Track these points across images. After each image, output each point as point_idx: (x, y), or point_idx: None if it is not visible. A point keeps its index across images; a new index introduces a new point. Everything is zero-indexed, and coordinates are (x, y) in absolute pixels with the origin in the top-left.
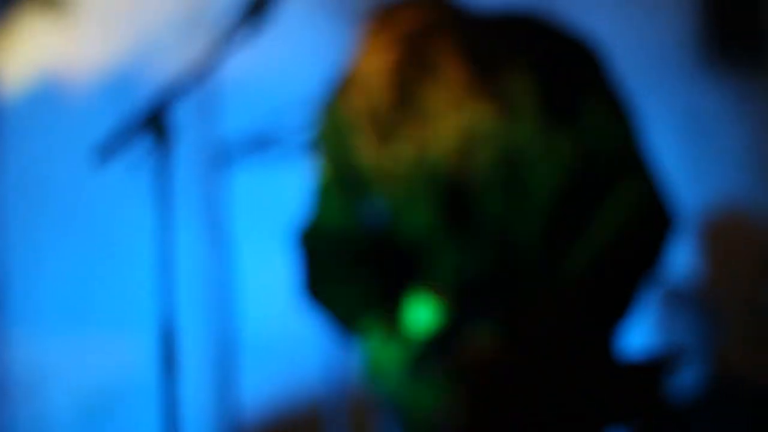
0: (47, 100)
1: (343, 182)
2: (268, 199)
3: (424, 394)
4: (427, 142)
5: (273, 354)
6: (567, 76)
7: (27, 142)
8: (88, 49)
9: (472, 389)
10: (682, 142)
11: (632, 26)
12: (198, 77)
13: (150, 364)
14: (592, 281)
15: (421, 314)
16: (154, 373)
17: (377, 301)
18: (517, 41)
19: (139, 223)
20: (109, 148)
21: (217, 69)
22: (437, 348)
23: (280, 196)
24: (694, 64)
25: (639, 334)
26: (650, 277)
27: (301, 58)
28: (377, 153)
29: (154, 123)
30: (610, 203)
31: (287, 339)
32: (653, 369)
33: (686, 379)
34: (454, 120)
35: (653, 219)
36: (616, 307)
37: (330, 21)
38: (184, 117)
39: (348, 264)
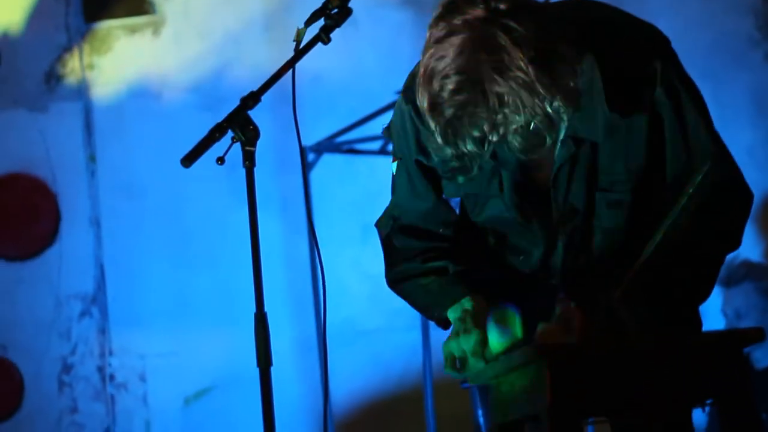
0: (140, 105)
1: (417, 174)
2: (349, 194)
3: (511, 375)
4: (494, 137)
5: (360, 342)
6: (634, 66)
7: (122, 145)
8: (177, 55)
9: (558, 370)
10: (755, 126)
11: (698, 15)
12: (278, 78)
13: (247, 358)
14: (675, 262)
15: (498, 339)
16: (251, 367)
17: (455, 294)
18: (583, 31)
19: (229, 220)
20: (196, 151)
21: (295, 69)
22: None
23: (360, 190)
24: (763, 48)
25: (713, 310)
26: (730, 253)
27: (381, 54)
28: (445, 149)
29: (238, 124)
30: (689, 188)
31: (372, 327)
32: (735, 342)
33: (761, 356)
34: (520, 114)
35: (732, 201)
36: (699, 286)
37: (402, 16)
38: (265, 117)
39: (424, 257)
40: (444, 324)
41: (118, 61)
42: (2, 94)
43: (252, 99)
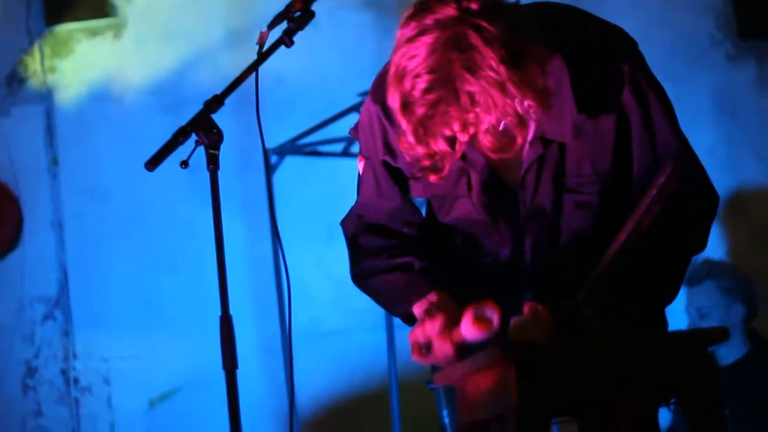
0: (102, 107)
1: (383, 174)
2: (312, 195)
3: (476, 376)
4: (465, 136)
5: (324, 342)
6: (602, 68)
7: (85, 148)
8: (139, 57)
9: (523, 370)
10: (716, 126)
11: (659, 15)
12: (241, 81)
13: (212, 360)
14: (640, 262)
15: (473, 330)
16: (216, 369)
17: (421, 289)
18: (552, 32)
19: (192, 223)
20: (160, 155)
21: (258, 71)
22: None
23: (323, 191)
24: (724, 47)
25: (676, 310)
26: (696, 254)
27: (343, 56)
28: (416, 148)
29: (201, 127)
30: (653, 189)
31: (337, 327)
32: (700, 341)
33: (724, 353)
34: (493, 113)
35: (697, 202)
36: (665, 287)
37: (363, 17)
38: (228, 120)
39: (389, 254)
40: (409, 320)
41: (79, 64)
42: None
43: (215, 102)
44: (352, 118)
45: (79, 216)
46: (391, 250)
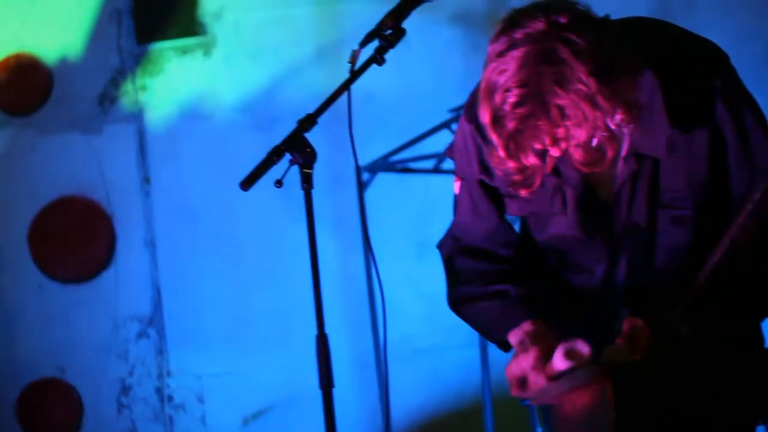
0: (193, 126)
1: (480, 194)
2: (403, 212)
3: (573, 394)
4: (556, 150)
5: (417, 360)
6: (694, 82)
7: (176, 166)
8: (229, 75)
9: (621, 387)
10: None
11: (750, 26)
12: (334, 100)
13: (305, 377)
14: (736, 279)
15: (566, 365)
16: (309, 386)
17: (516, 318)
18: (642, 46)
19: (284, 239)
20: (254, 174)
21: (349, 89)
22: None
23: (414, 208)
24: None
25: None
26: None
27: (432, 72)
28: (507, 162)
29: (295, 147)
30: (750, 204)
31: (429, 345)
32: None
33: None
34: (583, 127)
35: None
36: (761, 303)
37: (452, 32)
38: (319, 137)
39: (486, 280)
40: (505, 347)
41: (170, 83)
42: (56, 116)
43: (308, 122)
44: (444, 135)
45: (172, 234)
46: (487, 276)
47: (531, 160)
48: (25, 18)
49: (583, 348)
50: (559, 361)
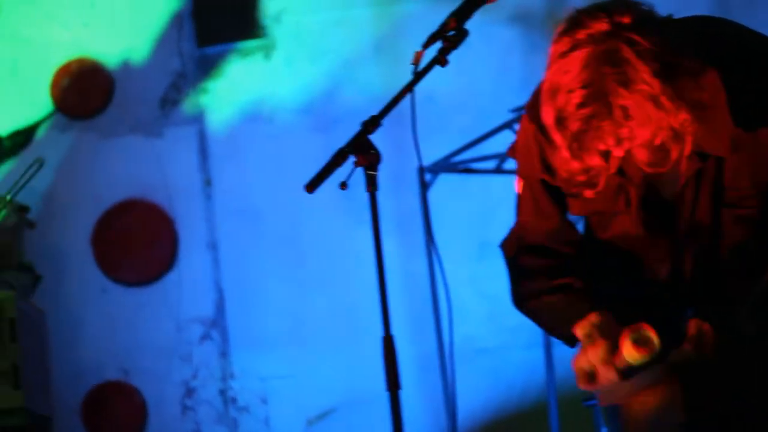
0: (254, 128)
1: (542, 193)
2: (465, 212)
3: (642, 394)
4: (620, 151)
5: (479, 360)
6: (758, 81)
7: (237, 168)
8: (289, 77)
9: (690, 387)
10: None
11: None
12: (397, 101)
13: (369, 379)
14: None
15: (635, 354)
16: (372, 388)
17: (581, 311)
18: (705, 44)
19: (346, 241)
20: (319, 177)
21: (413, 90)
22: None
23: (476, 209)
24: None
25: None
26: None
27: (492, 72)
28: (571, 163)
29: (360, 149)
30: None
31: (492, 345)
32: None
33: None
34: (647, 128)
35: None
36: None
37: (512, 32)
38: (379, 138)
39: (549, 275)
40: (570, 341)
41: (230, 85)
42: (118, 120)
43: (372, 123)
44: (505, 135)
45: (234, 236)
46: (550, 271)
47: (595, 160)
48: (87, 22)
49: (649, 333)
50: (629, 352)
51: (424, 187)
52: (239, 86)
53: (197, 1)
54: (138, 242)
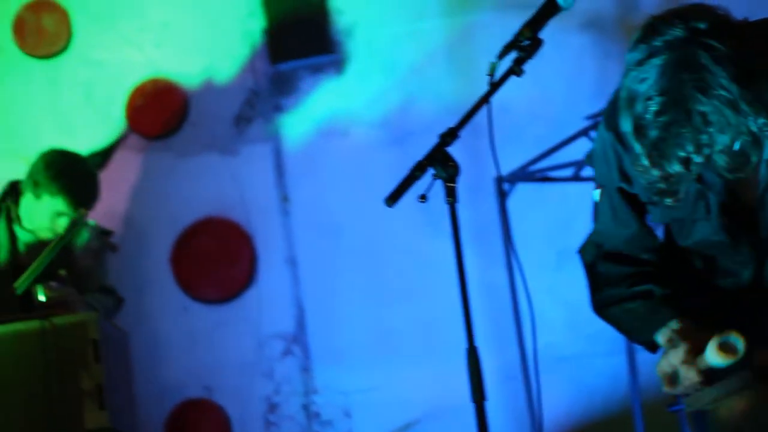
0: (329, 143)
1: (620, 201)
2: (542, 221)
3: (730, 399)
4: (700, 157)
5: (561, 368)
6: None
7: (314, 184)
8: (362, 92)
9: None
10: None
11: None
12: (474, 113)
13: (451, 390)
14: None
15: (719, 356)
16: (455, 399)
17: (663, 317)
18: None
19: (424, 253)
20: (399, 190)
21: (489, 101)
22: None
23: (553, 217)
24: None
25: None
26: None
27: (565, 79)
28: (650, 171)
29: (438, 161)
30: None
31: (573, 353)
32: None
33: None
34: (725, 133)
35: None
36: None
37: (583, 39)
38: (454, 149)
39: (629, 282)
40: (652, 348)
41: (304, 101)
42: (194, 139)
43: (450, 135)
44: (581, 143)
45: (312, 251)
46: (631, 278)
47: (675, 167)
48: (160, 43)
49: (737, 341)
50: (713, 355)
51: (503, 196)
52: (313, 102)
53: (270, 19)
54: (217, 260)
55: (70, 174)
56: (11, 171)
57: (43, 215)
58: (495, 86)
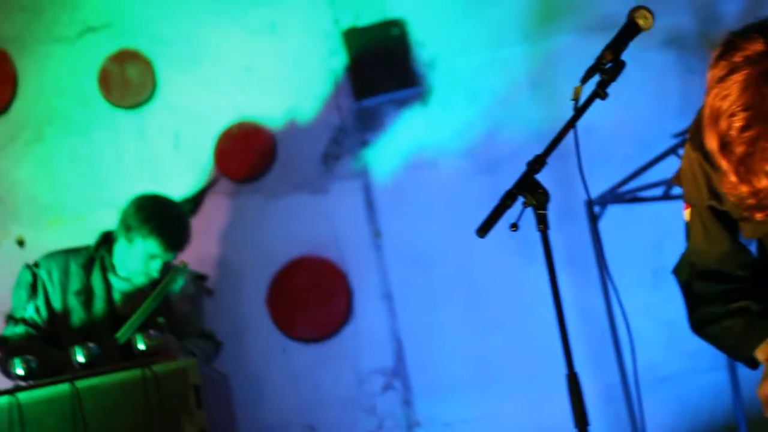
0: (417, 175)
1: (711, 219)
2: (635, 241)
3: None
4: None
5: (662, 388)
6: None
7: (405, 217)
8: (448, 122)
9: None
10: None
11: None
12: (561, 138)
13: (552, 416)
14: None
15: None
16: (561, 423)
17: (760, 333)
18: None
19: (517, 280)
20: (490, 220)
21: (575, 126)
22: None
23: (646, 237)
24: None
25: None
26: None
27: (649, 98)
28: (739, 187)
29: (528, 189)
30: None
31: (673, 372)
32: None
33: None
34: None
35: None
36: None
37: (666, 56)
38: (548, 174)
39: (725, 299)
40: (752, 364)
41: (390, 135)
42: (283, 179)
43: (538, 163)
44: (670, 161)
45: (407, 285)
46: (726, 296)
47: (764, 182)
48: (244, 87)
49: None
50: None
51: (594, 219)
52: (399, 135)
53: (352, 55)
54: (313, 298)
55: (162, 216)
56: (103, 221)
57: (136, 259)
58: (580, 111)
